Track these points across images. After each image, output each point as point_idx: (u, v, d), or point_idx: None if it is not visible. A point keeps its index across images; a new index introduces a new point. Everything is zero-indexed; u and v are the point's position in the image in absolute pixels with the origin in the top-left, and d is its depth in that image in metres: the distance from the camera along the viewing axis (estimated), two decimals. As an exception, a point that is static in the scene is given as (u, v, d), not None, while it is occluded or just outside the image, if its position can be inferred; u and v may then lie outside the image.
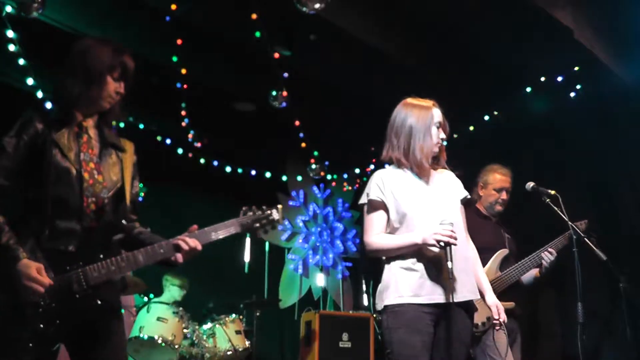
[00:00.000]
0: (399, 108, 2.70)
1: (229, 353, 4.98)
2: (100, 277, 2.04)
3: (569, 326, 5.49)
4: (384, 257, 2.63)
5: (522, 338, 3.67)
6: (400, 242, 2.55)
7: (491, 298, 2.74)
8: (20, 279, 1.92)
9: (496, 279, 3.58)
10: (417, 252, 2.51)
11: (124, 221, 2.24)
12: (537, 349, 5.46)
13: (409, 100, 2.72)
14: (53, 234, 2.03)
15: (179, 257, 2.15)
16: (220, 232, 2.25)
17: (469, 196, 2.78)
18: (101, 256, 2.07)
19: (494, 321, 2.68)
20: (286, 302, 7.04)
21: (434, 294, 2.45)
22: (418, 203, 2.57)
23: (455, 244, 2.41)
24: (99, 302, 2.05)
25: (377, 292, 2.63)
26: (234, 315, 5.26)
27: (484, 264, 3.59)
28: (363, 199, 2.67)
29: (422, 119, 2.62)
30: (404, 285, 2.49)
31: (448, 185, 2.71)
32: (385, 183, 2.61)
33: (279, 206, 2.32)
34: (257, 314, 5.47)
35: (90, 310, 2.04)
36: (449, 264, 2.39)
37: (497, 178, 3.85)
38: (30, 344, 1.93)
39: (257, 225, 2.29)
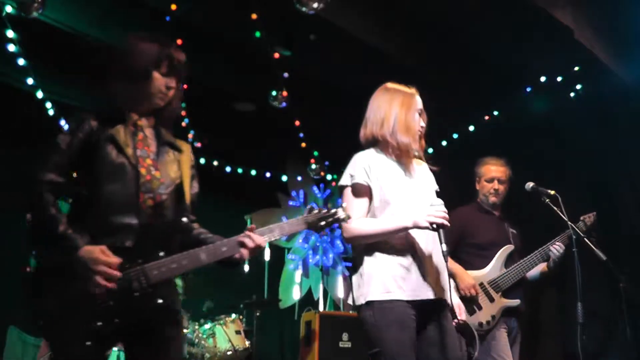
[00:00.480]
0: (382, 91, 2.62)
1: (229, 353, 4.98)
2: (161, 275, 1.95)
3: (569, 326, 5.49)
4: (363, 246, 2.46)
5: (522, 337, 3.66)
6: (386, 226, 2.38)
7: (456, 297, 2.64)
8: (85, 265, 1.84)
9: (501, 276, 3.55)
10: (403, 242, 2.40)
11: (184, 219, 2.16)
12: (538, 349, 5.46)
13: (393, 84, 2.65)
14: (108, 230, 1.95)
15: (244, 253, 2.09)
16: (286, 229, 2.24)
17: (438, 190, 2.64)
18: (161, 254, 1.99)
19: (454, 320, 2.53)
20: (286, 302, 7.04)
21: (422, 290, 2.35)
22: (401, 190, 2.47)
23: (448, 226, 2.32)
24: (159, 302, 1.97)
25: (353, 284, 2.45)
26: (234, 315, 5.26)
27: (487, 261, 3.59)
28: (346, 181, 2.50)
29: (408, 102, 2.56)
30: (389, 279, 2.34)
31: (426, 176, 2.63)
32: (372, 167, 2.47)
33: (345, 205, 2.29)
34: (257, 314, 5.47)
35: (149, 310, 1.96)
36: (443, 246, 2.30)
37: (488, 169, 3.84)
38: (88, 343, 1.86)
39: (323, 223, 2.24)
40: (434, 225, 2.31)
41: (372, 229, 2.40)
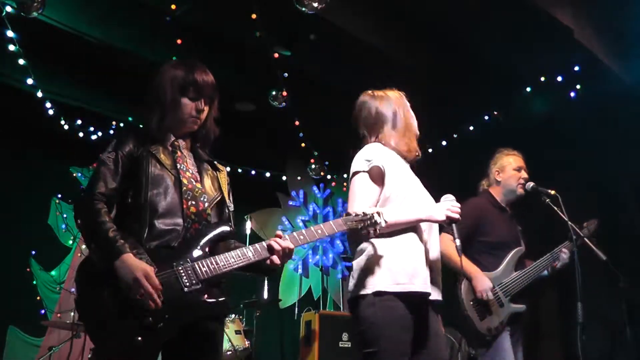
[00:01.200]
0: (369, 99, 2.61)
1: (228, 353, 4.97)
2: (210, 272, 2.02)
3: (569, 326, 5.49)
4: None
5: (523, 339, 3.60)
6: (401, 216, 2.31)
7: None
8: (127, 270, 1.90)
9: (512, 280, 3.43)
10: (408, 234, 2.35)
11: (228, 228, 2.21)
12: (538, 349, 5.46)
13: (376, 91, 2.64)
14: (154, 233, 2.04)
15: (274, 259, 2.12)
16: (327, 230, 2.25)
17: None
18: (207, 250, 2.07)
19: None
20: (286, 302, 7.04)
21: (427, 283, 2.31)
22: (410, 185, 2.46)
23: (460, 221, 2.33)
24: (208, 300, 2.02)
25: (355, 272, 2.38)
26: (234, 315, 5.26)
27: (498, 261, 3.45)
28: (361, 166, 2.42)
29: (404, 106, 2.58)
30: (399, 270, 2.27)
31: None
32: (386, 157, 2.43)
33: (381, 210, 2.28)
34: (257, 314, 5.47)
35: (200, 307, 2.01)
36: (457, 241, 2.29)
37: (514, 158, 3.65)
38: (139, 338, 1.90)
39: (362, 225, 2.25)
40: (448, 221, 2.31)
41: (388, 219, 2.30)
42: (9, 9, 4.48)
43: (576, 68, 5.22)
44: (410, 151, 2.51)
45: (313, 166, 6.74)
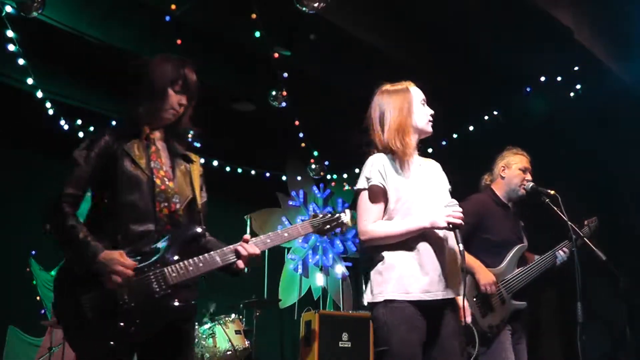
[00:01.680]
0: (378, 96, 2.63)
1: (228, 353, 4.98)
2: (179, 277, 2.08)
3: (569, 326, 5.49)
4: (382, 245, 2.46)
5: (527, 338, 3.58)
6: (404, 227, 2.40)
7: (465, 301, 2.55)
8: (103, 267, 1.96)
9: (514, 277, 3.43)
10: (418, 241, 2.41)
11: (199, 229, 2.26)
12: (538, 348, 5.47)
13: (386, 86, 2.66)
14: (128, 237, 2.08)
15: (239, 263, 2.19)
16: (293, 233, 2.34)
17: (450, 189, 2.65)
18: (176, 257, 2.11)
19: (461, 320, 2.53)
20: (286, 302, 7.05)
21: (437, 289, 2.38)
22: (416, 190, 2.48)
23: (463, 226, 2.36)
24: (177, 304, 2.07)
25: (372, 281, 2.46)
26: (233, 315, 5.26)
27: (500, 258, 3.45)
28: (362, 184, 2.50)
29: (401, 101, 2.56)
30: (409, 280, 2.37)
31: (436, 174, 2.64)
32: (386, 169, 2.48)
33: (348, 210, 2.43)
34: (257, 313, 5.47)
35: (170, 312, 2.07)
36: (460, 246, 2.33)
37: (521, 158, 3.64)
38: (112, 342, 1.96)
39: (328, 227, 2.40)
40: (451, 225, 2.34)
41: (390, 230, 2.42)
42: (9, 9, 4.48)
43: (576, 68, 5.22)
44: (405, 152, 2.50)
45: (313, 166, 6.73)
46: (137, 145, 2.20)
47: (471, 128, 5.93)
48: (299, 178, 7.47)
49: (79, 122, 5.81)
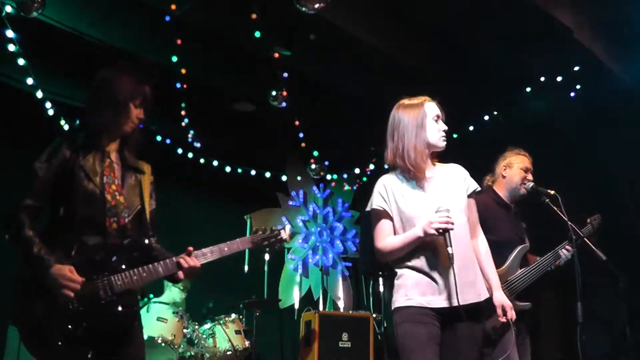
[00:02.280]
0: (394, 111, 2.72)
1: (228, 353, 4.98)
2: (124, 285, 2.27)
3: (569, 326, 5.49)
4: (395, 261, 2.64)
5: (530, 339, 3.57)
6: (404, 239, 2.55)
7: (498, 297, 2.67)
8: (55, 282, 2.14)
9: (517, 278, 3.43)
10: (424, 253, 2.53)
11: (146, 240, 2.46)
12: (538, 348, 5.46)
13: (403, 101, 2.73)
14: (81, 248, 2.27)
15: (179, 275, 2.38)
16: (233, 247, 2.52)
17: (478, 188, 2.73)
18: (124, 267, 2.31)
19: (501, 319, 2.66)
20: (286, 302, 7.04)
21: (442, 298, 2.47)
22: (420, 205, 2.58)
23: (452, 229, 2.42)
24: (121, 309, 2.27)
25: (393, 292, 2.66)
26: (233, 315, 5.26)
27: (503, 259, 3.45)
28: (369, 206, 2.72)
29: (412, 118, 2.62)
30: (413, 290, 2.52)
31: (452, 181, 2.68)
32: (388, 190, 2.65)
33: (287, 226, 2.67)
34: (257, 314, 5.47)
35: (114, 316, 2.26)
36: (449, 249, 2.40)
37: (523, 158, 3.67)
38: (60, 343, 2.13)
39: (266, 242, 2.61)
40: (440, 231, 2.42)
41: (394, 245, 2.58)
42: (9, 9, 4.48)
43: (576, 68, 5.22)
44: (415, 172, 2.61)
45: (313, 166, 6.73)
46: (92, 159, 2.36)
47: (471, 128, 5.92)
48: (299, 178, 7.47)
49: (79, 122, 5.81)
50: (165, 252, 2.46)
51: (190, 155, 6.31)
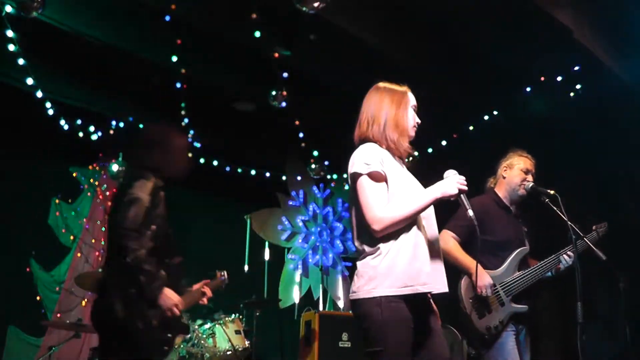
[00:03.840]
0: (373, 91, 2.62)
1: (228, 353, 4.97)
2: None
3: (569, 326, 5.49)
4: (376, 237, 2.33)
5: (530, 340, 3.56)
6: (420, 202, 2.32)
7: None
8: (167, 301, 2.76)
9: (515, 280, 3.41)
10: (413, 232, 2.35)
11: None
12: (538, 348, 5.46)
13: (382, 83, 2.65)
14: (167, 271, 2.85)
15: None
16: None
17: None
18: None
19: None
20: (286, 302, 7.05)
21: (430, 281, 2.32)
22: (406, 185, 2.45)
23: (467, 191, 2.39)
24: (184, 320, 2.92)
25: (362, 273, 2.34)
26: (233, 315, 5.25)
27: (501, 261, 3.43)
28: (361, 169, 2.37)
29: (397, 100, 2.55)
30: (404, 273, 2.27)
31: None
32: (383, 159, 2.41)
33: (225, 273, 3.59)
34: (257, 313, 5.46)
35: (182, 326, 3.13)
36: (470, 212, 2.38)
37: (525, 160, 3.63)
38: (165, 347, 2.82)
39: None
40: (459, 192, 2.36)
41: (407, 210, 2.30)
42: (9, 9, 4.48)
43: (576, 68, 5.22)
44: (395, 148, 2.48)
45: (313, 166, 6.73)
46: (162, 197, 2.95)
47: (471, 128, 5.92)
48: (299, 178, 7.47)
49: (79, 122, 5.82)
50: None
51: (190, 155, 6.30)
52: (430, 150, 6.14)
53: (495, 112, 5.77)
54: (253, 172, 6.95)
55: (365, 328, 2.29)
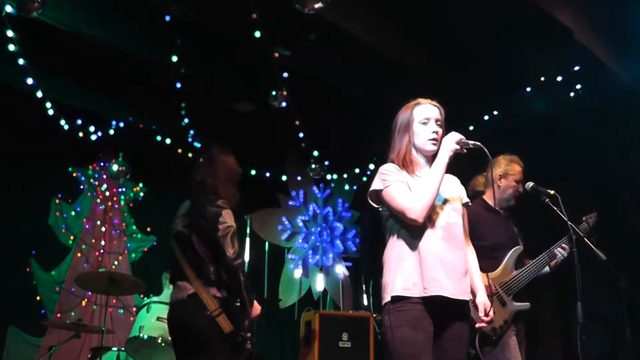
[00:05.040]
0: (398, 113, 2.72)
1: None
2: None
3: (569, 326, 5.49)
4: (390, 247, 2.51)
5: (526, 339, 3.58)
6: (435, 173, 2.47)
7: (481, 297, 2.61)
8: (254, 312, 3.35)
9: (513, 279, 3.44)
10: (422, 240, 2.42)
11: None
12: (538, 348, 5.46)
13: (410, 103, 2.70)
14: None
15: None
16: None
17: (470, 203, 2.70)
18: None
19: (481, 318, 2.56)
20: (286, 302, 7.04)
21: (438, 286, 2.37)
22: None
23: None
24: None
25: (383, 281, 2.52)
26: (233, 315, 5.24)
27: (497, 263, 3.47)
28: (378, 185, 2.51)
29: (402, 120, 2.62)
30: (409, 277, 2.40)
31: (448, 186, 2.64)
32: (401, 174, 2.53)
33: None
34: (257, 314, 5.46)
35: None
36: (477, 142, 2.60)
37: (518, 169, 3.66)
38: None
39: None
40: (460, 144, 2.53)
41: (429, 187, 2.44)
42: (9, 9, 4.48)
43: (576, 68, 5.22)
44: (407, 168, 2.56)
45: (313, 166, 6.73)
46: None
47: (471, 128, 5.92)
48: (299, 178, 7.47)
49: (79, 122, 5.81)
50: None
51: (190, 155, 6.31)
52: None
53: (495, 112, 5.77)
54: (253, 172, 6.94)
55: (382, 332, 2.57)
